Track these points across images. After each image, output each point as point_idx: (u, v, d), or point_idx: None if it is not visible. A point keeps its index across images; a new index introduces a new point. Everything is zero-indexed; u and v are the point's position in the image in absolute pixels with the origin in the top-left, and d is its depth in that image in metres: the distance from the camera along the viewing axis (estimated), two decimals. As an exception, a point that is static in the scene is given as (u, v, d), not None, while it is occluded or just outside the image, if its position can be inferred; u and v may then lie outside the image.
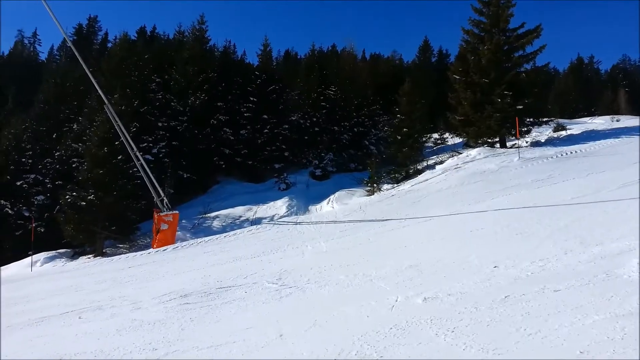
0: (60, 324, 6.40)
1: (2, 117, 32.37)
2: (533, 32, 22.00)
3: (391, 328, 4.27)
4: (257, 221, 17.89)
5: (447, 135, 30.54)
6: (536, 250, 6.14)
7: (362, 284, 6.21)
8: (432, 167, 20.96)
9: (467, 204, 11.64)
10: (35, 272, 15.01)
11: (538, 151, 18.69)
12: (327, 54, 41.92)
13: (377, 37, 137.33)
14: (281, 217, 18.37)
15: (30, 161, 24.09)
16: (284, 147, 28.63)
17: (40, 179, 23.50)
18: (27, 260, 16.88)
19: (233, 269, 8.74)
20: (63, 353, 4.95)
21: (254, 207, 20.45)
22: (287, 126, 29.38)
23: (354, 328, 4.47)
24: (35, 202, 22.45)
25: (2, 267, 17.62)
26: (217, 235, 14.40)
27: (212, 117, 28.12)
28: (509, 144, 22.08)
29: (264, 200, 21.25)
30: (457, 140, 27.19)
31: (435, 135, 31.27)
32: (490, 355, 3.42)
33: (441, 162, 21.14)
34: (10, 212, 21.70)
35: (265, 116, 28.93)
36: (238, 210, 20.31)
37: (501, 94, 20.68)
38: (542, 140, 22.82)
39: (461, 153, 21.68)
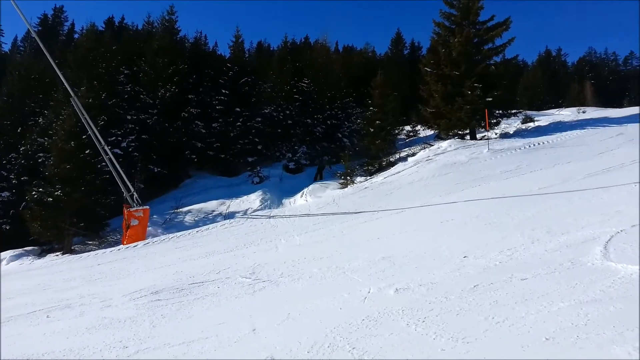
0: (27, 324, 6.23)
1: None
2: (502, 25, 22.38)
3: (363, 319, 4.32)
4: (230, 215, 17.74)
5: (419, 127, 30.91)
6: (504, 240, 6.29)
7: (335, 277, 6.24)
8: (404, 159, 21.16)
9: (439, 195, 11.82)
10: (1, 270, 14.53)
11: (507, 142, 19.08)
12: (300, 46, 41.74)
13: (351, 29, 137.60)
14: (255, 211, 18.26)
15: (-7, 157, 23.27)
16: (257, 140, 28.44)
17: (5, 174, 22.72)
18: (-8, 258, 16.33)
19: (206, 264, 8.66)
20: (31, 353, 4.83)
21: (227, 201, 20.27)
22: (260, 119, 29.18)
23: (326, 320, 4.50)
24: (0, 199, 21.70)
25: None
26: (190, 230, 14.23)
27: (183, 110, 27.62)
28: (478, 135, 22.46)
29: (237, 194, 21.08)
30: (429, 132, 27.56)
31: (408, 128, 31.60)
32: (460, 343, 3.49)
33: (413, 154, 21.37)
34: (-27, 210, 20.95)
35: (237, 109, 28.65)
36: (211, 205, 20.10)
37: (471, 86, 20.99)
38: (511, 132, 23.31)
39: (433, 145, 21.97)
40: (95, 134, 17.42)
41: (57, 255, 17.14)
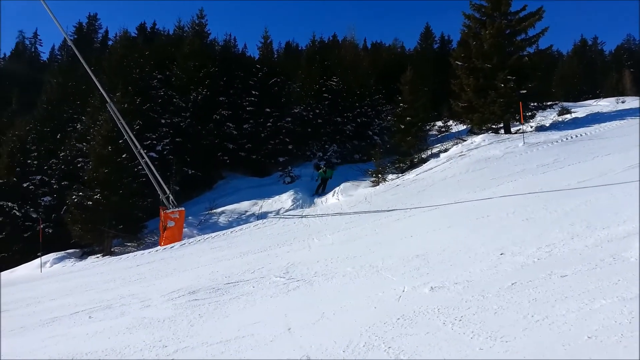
0: (71, 324, 6.46)
1: (6, 119, 32.59)
2: (535, 15, 21.78)
3: (398, 318, 4.28)
4: (263, 215, 17.92)
5: (450, 122, 30.38)
6: (542, 236, 6.12)
7: (369, 275, 6.22)
8: (436, 155, 20.88)
9: (473, 191, 11.60)
10: (45, 273, 15.13)
11: (543, 136, 18.58)
12: (328, 45, 41.73)
13: (378, 25, 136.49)
14: (287, 210, 18.39)
15: (35, 162, 24.23)
16: (287, 140, 28.58)
17: (46, 179, 23.65)
18: (37, 261, 17.04)
19: (240, 264, 8.77)
20: (75, 352, 4.99)
21: (260, 202, 20.49)
22: (290, 119, 29.32)
23: (361, 319, 4.48)
24: (42, 203, 22.60)
25: (12, 269, 17.80)
26: (224, 231, 14.47)
27: (214, 112, 28.09)
28: (513, 129, 21.95)
29: (269, 195, 21.27)
30: (461, 127, 27.09)
31: (439, 123, 31.11)
32: (498, 342, 3.43)
33: (445, 150, 21.06)
34: (17, 213, 21.88)
35: (267, 109, 28.87)
36: (244, 205, 20.35)
37: (504, 78, 20.51)
38: (547, 125, 22.67)
39: (465, 140, 21.58)
40: (131, 139, 17.90)
41: (97, 257, 17.73)
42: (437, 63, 36.78)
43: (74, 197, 18.83)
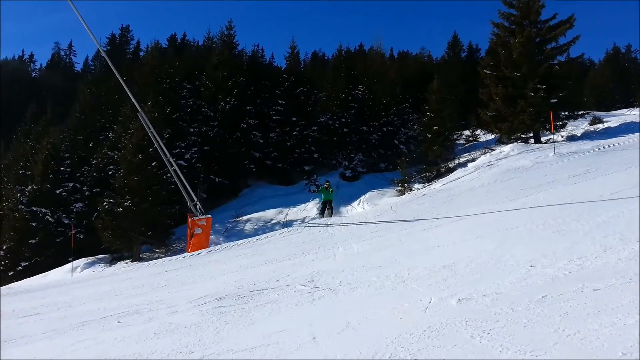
0: (100, 328, 6.58)
1: (41, 128, 33.73)
2: (566, 23, 21.42)
3: (425, 330, 4.21)
4: (288, 224, 17.99)
5: (478, 132, 30.02)
6: (574, 248, 5.95)
7: (394, 286, 6.15)
8: (464, 165, 20.63)
9: (501, 201, 11.39)
10: (75, 277, 15.52)
11: (574, 145, 18.14)
12: (355, 54, 41.85)
13: (406, 35, 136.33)
14: (312, 219, 18.44)
15: (68, 170, 25.00)
16: (313, 149, 28.72)
17: (79, 186, 24.35)
18: (68, 266, 17.51)
19: (266, 271, 8.80)
20: (104, 356, 5.08)
21: (285, 210, 20.61)
22: (316, 128, 29.47)
23: (387, 330, 4.42)
24: (74, 210, 23.27)
25: (44, 273, 18.33)
26: (250, 239, 14.55)
27: (241, 121, 28.48)
28: (543, 139, 21.54)
29: (295, 203, 21.38)
30: (490, 136, 26.71)
31: (467, 133, 30.77)
32: (528, 356, 3.34)
33: (473, 160, 20.80)
34: (50, 219, 22.57)
35: (294, 118, 29.10)
36: (269, 213, 20.50)
37: (534, 87, 20.20)
38: (578, 134, 22.15)
39: (494, 150, 21.29)
40: (161, 147, 18.27)
41: (126, 263, 18.12)
42: (465, 72, 36.40)
43: (104, 203, 19.32)
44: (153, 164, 20.14)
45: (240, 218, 20.81)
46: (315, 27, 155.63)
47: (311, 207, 20.24)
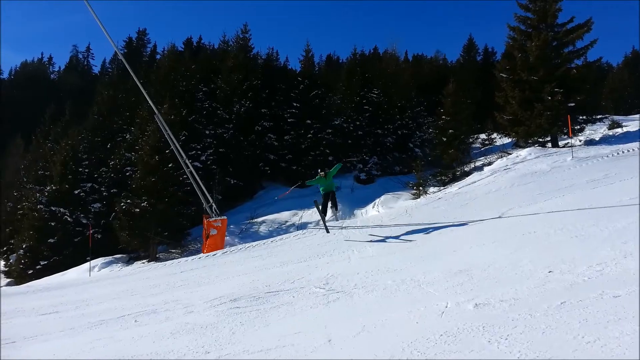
0: (117, 327, 6.66)
1: (60, 129, 34.31)
2: (583, 27, 21.17)
3: (441, 335, 4.18)
4: (302, 226, 18.02)
5: (495, 135, 29.76)
6: (593, 254, 5.85)
7: (410, 289, 6.12)
8: (480, 168, 20.47)
9: (518, 206, 11.26)
10: (93, 276, 15.73)
11: (593, 150, 17.87)
12: (369, 57, 41.81)
13: (420, 38, 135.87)
14: (327, 221, 18.40)
15: (86, 171, 25.38)
16: (327, 151, 28.77)
17: (97, 187, 24.71)
18: (86, 265, 17.77)
19: (281, 273, 8.82)
20: (121, 355, 5.14)
21: (300, 212, 20.65)
22: (330, 130, 29.52)
23: (403, 334, 4.40)
24: (92, 210, 23.63)
25: (62, 272, 18.62)
26: (265, 240, 14.61)
27: (256, 124, 28.69)
28: (561, 143, 21.27)
29: (310, 205, 21.35)
30: (506, 140, 26.44)
31: (483, 136, 30.53)
32: (547, 363, 3.30)
33: (489, 164, 20.62)
34: (69, 219, 22.94)
35: (308, 121, 29.20)
36: (284, 215, 20.57)
37: (551, 91, 19.99)
38: (597, 139, 21.82)
39: (510, 153, 21.07)
40: (177, 149, 18.46)
41: (143, 263, 18.33)
42: (481, 75, 36.16)
43: (122, 204, 19.59)
44: (169, 165, 20.37)
45: (255, 220, 20.92)
46: (329, 31, 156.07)
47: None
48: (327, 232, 12.71)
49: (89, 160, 26.30)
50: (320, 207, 12.55)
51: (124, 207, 19.56)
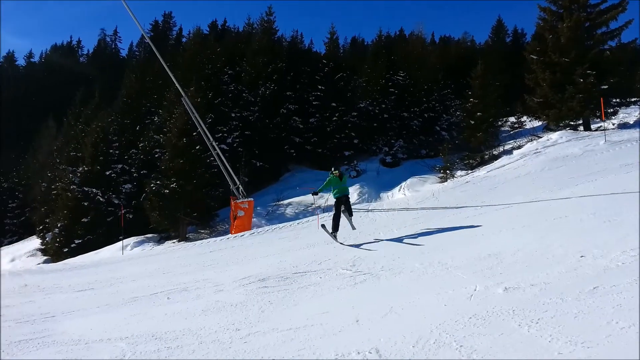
0: (150, 304, 6.90)
1: (90, 111, 35.04)
2: (618, 7, 20.35)
3: (470, 318, 4.19)
4: (329, 208, 18.06)
5: (524, 118, 29.01)
6: (627, 239, 5.72)
7: (438, 273, 6.12)
8: (509, 152, 20.10)
9: (549, 190, 11.05)
10: (126, 255, 16.22)
11: (626, 133, 17.31)
12: (395, 39, 41.18)
13: (448, 20, 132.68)
14: (352, 204, 18.43)
15: (117, 152, 25.90)
16: (353, 134, 28.64)
17: (127, 168, 25.24)
18: (119, 244, 18.31)
19: (307, 255, 8.93)
20: (155, 331, 5.33)
21: (326, 195, 20.68)
22: (355, 113, 29.32)
23: (431, 316, 4.43)
24: (123, 190, 24.19)
25: (96, 251, 19.20)
26: (291, 222, 14.77)
27: (281, 107, 28.72)
28: (593, 126, 20.66)
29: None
30: (536, 123, 25.77)
31: (512, 119, 29.82)
32: (579, 347, 3.27)
33: (519, 147, 20.23)
34: (101, 199, 23.56)
35: (333, 104, 29.05)
36: (310, 198, 20.64)
37: (583, 73, 19.37)
38: (631, 122, 21.11)
39: (541, 137, 20.59)
40: (204, 131, 18.70)
41: (173, 243, 18.76)
42: (510, 57, 35.14)
43: (152, 185, 20.01)
44: (197, 147, 20.64)
45: (282, 202, 21.11)
46: (354, 13, 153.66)
47: (352, 193, 20.16)
48: (335, 232, 9.83)
49: (119, 142, 26.82)
50: (332, 222, 9.78)
51: (153, 188, 19.98)
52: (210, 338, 4.88)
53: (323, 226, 10.24)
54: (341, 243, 9.62)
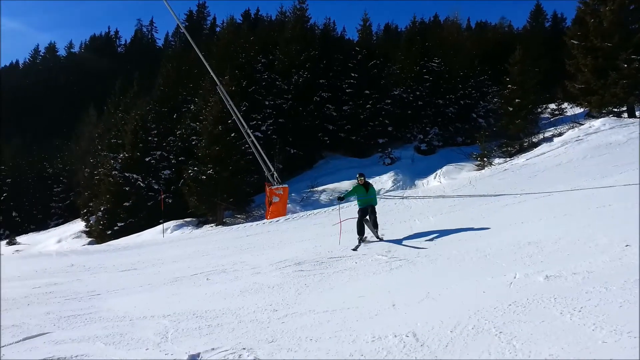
0: (190, 284, 7.12)
1: (129, 100, 35.97)
2: (665, -13, 19.27)
3: (510, 305, 4.12)
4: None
5: (565, 105, 28.06)
6: (676, 229, 5.51)
7: (476, 260, 6.05)
8: (549, 139, 19.54)
9: (592, 178, 10.71)
10: (166, 238, 16.73)
11: (675, 120, 16.54)
12: (429, 25, 40.42)
13: (484, 5, 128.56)
14: (387, 191, 18.42)
15: (155, 139, 26.53)
16: (387, 122, 28.41)
17: (165, 155, 25.86)
18: (159, 227, 18.91)
19: (343, 240, 8.94)
20: (195, 310, 5.50)
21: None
22: (389, 101, 29.03)
23: (469, 303, 4.38)
24: (163, 176, 24.86)
25: (138, 233, 19.85)
26: (325, 209, 14.84)
27: (315, 94, 28.73)
28: (638, 113, 19.82)
29: (369, 175, 21.23)
30: (578, 110, 24.92)
31: (552, 106, 28.88)
32: (624, 337, 3.19)
33: (560, 135, 19.63)
34: (141, 184, 24.30)
35: (367, 91, 28.86)
36: (344, 185, 20.71)
37: (627, 58, 18.56)
38: (680, 108, 20.12)
39: (583, 124, 19.90)
40: (239, 119, 18.94)
41: (211, 227, 19.22)
42: (549, 42, 33.89)
43: (189, 171, 20.50)
44: (232, 135, 20.94)
45: (316, 188, 21.26)
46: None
47: (386, 180, 20.21)
48: (355, 249, 8.16)
49: (157, 130, 27.44)
50: (356, 227, 8.79)
51: (191, 174, 20.47)
52: (249, 317, 5.00)
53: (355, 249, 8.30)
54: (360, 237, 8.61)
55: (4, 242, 30.02)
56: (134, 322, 5.24)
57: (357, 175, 9.31)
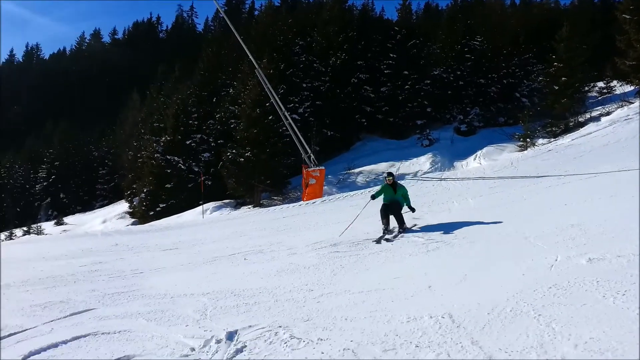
0: (229, 264, 7.29)
1: (171, 85, 36.72)
2: None
3: (550, 287, 4.02)
4: (400, 177, 17.91)
5: (614, 83, 26.66)
6: None
7: (515, 242, 5.92)
8: (596, 119, 18.69)
9: (641, 159, 10.18)
10: (206, 219, 17.16)
11: None
12: (472, 3, 39.07)
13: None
14: (425, 173, 18.18)
15: (196, 123, 27.03)
16: (425, 102, 27.89)
17: (205, 138, 26.35)
18: (199, 208, 19.43)
19: (378, 222, 8.89)
20: (233, 288, 5.64)
21: (397, 164, 20.51)
22: (428, 81, 28.44)
23: (507, 285, 4.30)
24: (202, 159, 25.42)
25: (179, 214, 20.45)
26: (362, 190, 14.81)
27: (352, 76, 28.45)
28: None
29: (407, 157, 21.14)
30: (628, 88, 23.63)
31: (601, 84, 27.48)
32: (674, 322, 3.07)
33: (608, 114, 18.74)
34: (182, 167, 24.93)
35: (405, 72, 28.36)
36: (381, 167, 20.59)
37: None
38: None
39: (633, 103, 18.90)
40: (277, 102, 19.05)
41: (249, 208, 19.58)
42: (599, 18, 32.16)
43: (228, 154, 20.87)
44: (270, 117, 21.11)
45: (352, 170, 21.23)
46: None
47: (424, 161, 19.92)
48: (379, 242, 7.45)
49: (197, 114, 27.91)
50: (381, 218, 8.15)
51: (230, 156, 20.82)
52: (285, 297, 5.08)
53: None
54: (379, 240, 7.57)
55: (51, 223, 31.66)
56: (174, 300, 5.42)
57: (385, 175, 8.84)
